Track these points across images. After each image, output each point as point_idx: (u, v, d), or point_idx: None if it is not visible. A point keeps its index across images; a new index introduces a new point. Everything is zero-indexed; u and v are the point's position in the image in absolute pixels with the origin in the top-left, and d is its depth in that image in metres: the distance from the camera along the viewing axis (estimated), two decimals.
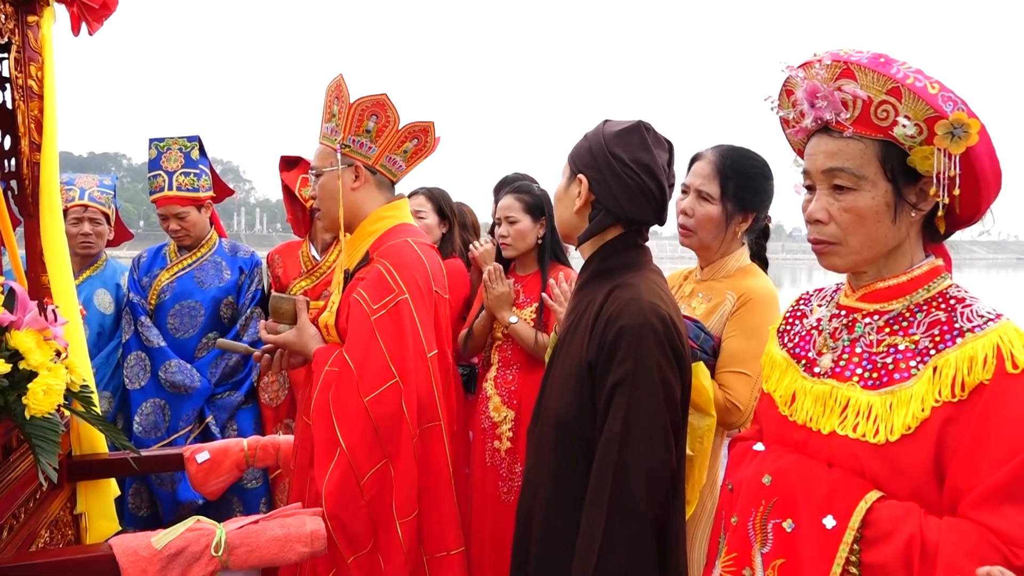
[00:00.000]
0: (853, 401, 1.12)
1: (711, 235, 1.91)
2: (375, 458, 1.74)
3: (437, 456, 1.87)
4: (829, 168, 1.13)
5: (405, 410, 1.76)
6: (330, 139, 1.94)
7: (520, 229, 2.63)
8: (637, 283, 1.47)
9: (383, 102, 1.88)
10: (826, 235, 1.16)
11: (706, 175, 1.89)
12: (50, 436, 1.53)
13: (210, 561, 1.58)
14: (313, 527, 1.68)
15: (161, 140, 2.96)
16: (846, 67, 1.10)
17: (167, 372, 2.81)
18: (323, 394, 1.78)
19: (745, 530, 1.17)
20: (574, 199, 1.55)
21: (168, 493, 2.79)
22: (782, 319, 1.38)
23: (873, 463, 1.07)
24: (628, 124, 1.57)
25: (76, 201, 2.94)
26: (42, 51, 1.87)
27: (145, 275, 2.97)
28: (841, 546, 1.03)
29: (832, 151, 1.13)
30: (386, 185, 2.00)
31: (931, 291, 1.14)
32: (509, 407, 2.55)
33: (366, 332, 1.77)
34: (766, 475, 1.16)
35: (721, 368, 1.83)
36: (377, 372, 1.75)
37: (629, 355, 1.37)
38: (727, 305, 1.86)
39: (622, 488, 1.34)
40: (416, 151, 2.01)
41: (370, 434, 1.73)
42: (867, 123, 1.10)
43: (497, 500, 2.52)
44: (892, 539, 1.00)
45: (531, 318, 2.59)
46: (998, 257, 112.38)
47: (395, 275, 1.82)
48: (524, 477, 1.62)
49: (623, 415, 1.36)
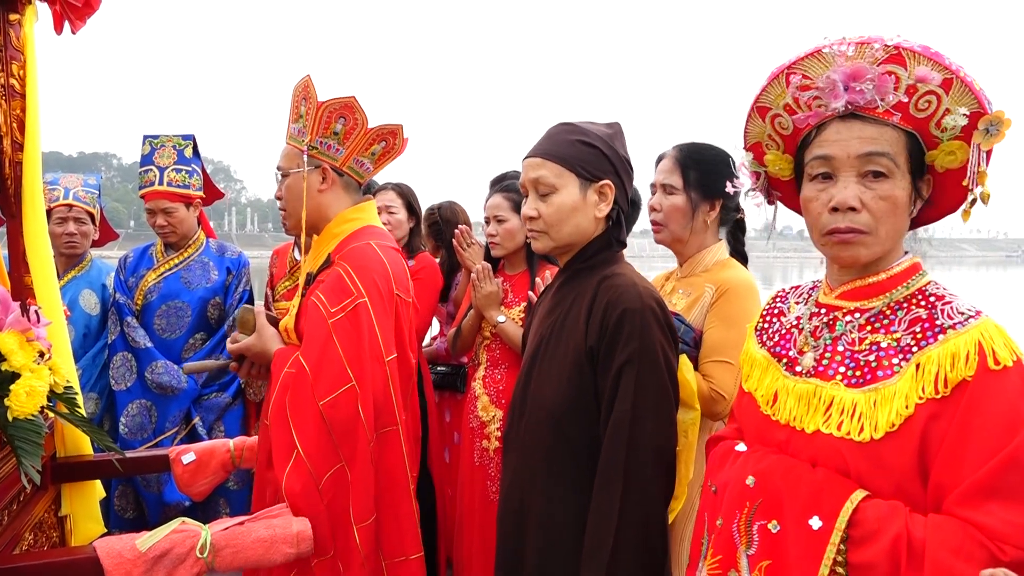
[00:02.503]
0: (837, 400, 1.11)
1: (680, 225, 1.98)
2: (331, 461, 1.72)
3: (394, 460, 1.85)
4: (868, 152, 1.09)
5: (361, 414, 1.74)
6: (297, 140, 1.92)
7: (509, 228, 2.63)
8: (626, 272, 1.54)
9: (351, 104, 1.86)
10: (859, 223, 1.10)
11: (668, 170, 1.98)
12: (33, 438, 1.53)
13: (195, 563, 1.58)
14: (299, 528, 1.67)
15: (156, 137, 2.95)
16: (897, 52, 1.08)
17: (154, 373, 2.79)
18: (280, 396, 1.77)
19: (730, 532, 1.16)
20: (595, 207, 1.55)
21: (154, 495, 2.78)
22: (759, 317, 1.37)
23: (858, 461, 1.07)
24: (615, 125, 1.62)
25: (60, 201, 2.93)
26: (24, 50, 1.85)
27: (131, 275, 2.95)
28: (828, 547, 1.03)
29: (871, 136, 1.09)
30: (353, 187, 1.99)
31: (910, 288, 1.14)
32: (498, 406, 2.55)
33: (322, 335, 1.76)
34: (750, 476, 1.15)
35: (704, 359, 1.86)
36: (333, 375, 1.73)
37: (634, 336, 1.41)
38: (706, 297, 1.91)
39: (635, 464, 1.38)
40: (384, 153, 2.00)
41: (325, 437, 1.71)
42: (904, 112, 1.09)
43: (486, 500, 2.52)
44: (879, 538, 1.00)
45: (519, 317, 2.58)
46: (988, 255, 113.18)
47: (355, 278, 1.80)
48: (509, 477, 1.61)
49: (632, 394, 1.40)
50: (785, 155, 1.25)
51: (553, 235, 1.56)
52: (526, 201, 1.59)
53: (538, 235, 1.59)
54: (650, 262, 18.90)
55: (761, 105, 1.22)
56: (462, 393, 2.87)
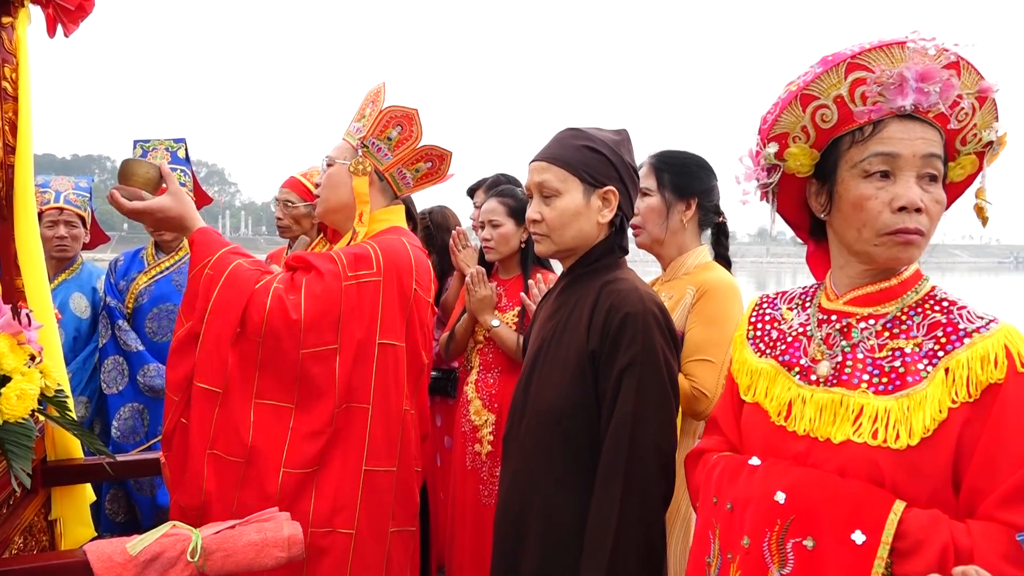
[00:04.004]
0: (868, 408, 1.08)
1: (656, 225, 2.02)
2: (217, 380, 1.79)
3: (356, 434, 1.83)
4: (930, 154, 1.09)
5: (337, 373, 1.77)
6: (353, 136, 1.98)
7: (503, 233, 2.63)
8: (628, 277, 1.56)
9: (411, 116, 1.92)
10: (922, 224, 1.09)
11: (644, 174, 2.04)
12: (23, 441, 1.52)
13: (186, 567, 1.57)
14: (291, 531, 1.67)
15: (147, 141, 2.93)
16: (958, 60, 1.09)
17: (146, 376, 2.78)
18: (232, 286, 1.76)
19: (760, 552, 1.10)
20: (598, 212, 1.56)
21: (147, 498, 2.77)
22: (748, 325, 1.34)
23: (894, 469, 1.04)
24: (623, 132, 1.64)
25: (51, 204, 2.92)
26: (16, 53, 1.85)
27: (122, 278, 2.94)
28: (876, 561, 0.99)
29: (931, 139, 1.09)
30: (388, 193, 2.03)
31: (919, 293, 1.14)
32: (490, 410, 2.55)
33: (334, 290, 1.78)
34: (779, 492, 1.10)
35: (686, 358, 1.87)
36: (323, 330, 1.76)
37: (636, 339, 1.43)
38: (688, 298, 1.93)
39: (636, 465, 1.39)
40: (428, 174, 2.04)
41: (291, 383, 1.76)
42: (945, 121, 1.11)
43: (478, 504, 2.51)
44: (925, 549, 0.97)
45: (513, 322, 2.59)
46: (980, 261, 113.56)
47: (380, 256, 1.84)
48: (508, 481, 1.61)
49: (633, 396, 1.41)
50: (812, 149, 1.19)
51: (556, 239, 1.58)
52: (531, 204, 1.61)
53: (541, 238, 1.61)
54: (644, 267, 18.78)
55: (809, 93, 1.14)
56: (453, 397, 2.87)
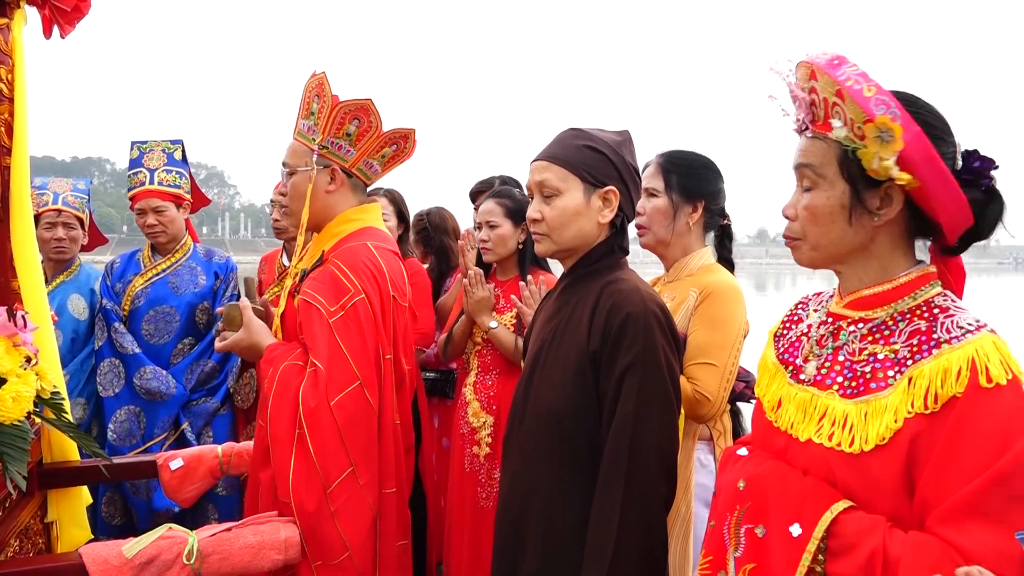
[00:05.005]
0: (831, 410, 1.11)
1: (662, 227, 2.01)
2: (342, 466, 1.72)
3: (386, 458, 1.87)
4: (800, 164, 1.16)
5: (371, 405, 1.76)
6: (307, 137, 1.91)
7: (501, 234, 2.63)
8: (629, 278, 1.55)
9: (367, 107, 1.86)
10: (791, 231, 1.20)
11: (651, 175, 2.03)
12: (19, 444, 1.51)
13: (182, 569, 1.57)
14: (287, 534, 1.67)
15: (144, 142, 2.94)
16: (812, 69, 1.11)
17: (142, 379, 2.77)
18: (281, 393, 1.75)
19: (721, 533, 1.17)
20: (598, 212, 1.56)
21: (143, 501, 2.76)
22: (780, 323, 1.36)
23: (845, 472, 1.06)
24: (625, 133, 1.64)
25: (49, 206, 2.91)
26: (12, 54, 1.84)
27: (119, 281, 2.93)
28: (804, 555, 1.03)
29: (808, 150, 1.15)
30: (360, 188, 1.99)
31: (917, 299, 1.11)
32: (488, 412, 2.54)
33: (326, 335, 1.75)
34: (741, 480, 1.17)
35: (688, 361, 1.86)
36: (341, 375, 1.72)
37: (637, 340, 1.43)
38: (691, 300, 1.92)
39: (637, 466, 1.39)
40: (394, 156, 2.00)
41: (335, 439, 1.71)
42: (827, 125, 1.11)
43: (476, 506, 2.51)
44: (855, 552, 1.00)
45: (511, 323, 2.58)
46: (980, 262, 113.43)
47: (350, 275, 1.80)
48: (508, 482, 1.60)
49: (635, 397, 1.41)
50: None
51: (556, 238, 1.58)
52: (532, 204, 1.61)
53: (541, 238, 1.60)
54: (644, 267, 18.77)
55: None
56: (451, 399, 2.87)
